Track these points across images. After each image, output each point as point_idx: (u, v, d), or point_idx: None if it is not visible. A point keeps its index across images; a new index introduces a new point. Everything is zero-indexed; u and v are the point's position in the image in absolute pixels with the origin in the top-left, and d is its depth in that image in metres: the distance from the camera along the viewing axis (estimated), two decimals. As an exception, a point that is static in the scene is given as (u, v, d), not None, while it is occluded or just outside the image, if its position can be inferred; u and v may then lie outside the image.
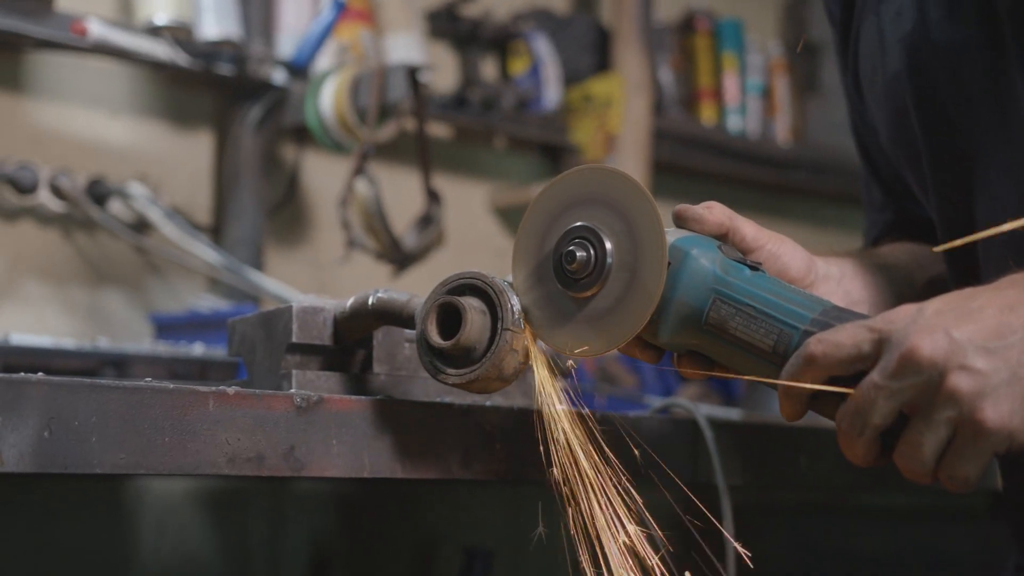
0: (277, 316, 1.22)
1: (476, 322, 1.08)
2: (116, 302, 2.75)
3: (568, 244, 1.06)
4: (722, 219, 1.12)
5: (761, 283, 1.05)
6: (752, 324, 1.03)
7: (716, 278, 1.05)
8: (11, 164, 2.58)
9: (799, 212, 4.18)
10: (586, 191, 1.07)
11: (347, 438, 1.11)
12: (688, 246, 1.06)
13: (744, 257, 1.10)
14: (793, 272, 1.17)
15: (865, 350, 0.96)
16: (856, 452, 0.97)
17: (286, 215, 3.03)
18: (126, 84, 2.80)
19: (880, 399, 0.94)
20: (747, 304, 1.03)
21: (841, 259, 1.29)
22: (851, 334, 0.96)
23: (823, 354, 0.96)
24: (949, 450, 0.94)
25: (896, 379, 0.93)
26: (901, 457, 0.95)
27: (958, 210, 1.26)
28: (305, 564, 1.51)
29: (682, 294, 1.05)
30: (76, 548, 1.33)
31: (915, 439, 0.94)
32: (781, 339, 1.02)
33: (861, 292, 1.28)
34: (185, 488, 1.41)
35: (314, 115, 2.74)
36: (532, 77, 3.37)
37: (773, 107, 3.93)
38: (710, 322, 1.05)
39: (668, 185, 3.75)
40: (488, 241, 3.44)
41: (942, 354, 0.92)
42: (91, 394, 0.98)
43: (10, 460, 0.94)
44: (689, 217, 1.12)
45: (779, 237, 1.17)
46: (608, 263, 1.05)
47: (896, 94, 1.30)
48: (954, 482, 0.95)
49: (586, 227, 1.06)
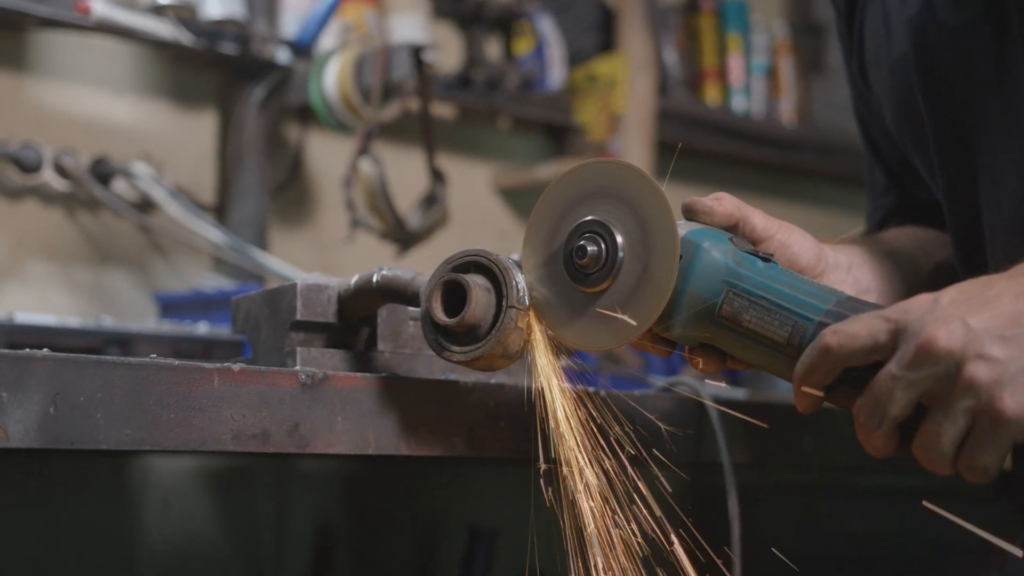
0: (281, 294, 1.22)
1: (481, 299, 1.08)
2: (120, 281, 2.76)
3: (579, 239, 1.05)
4: (732, 210, 1.12)
5: (774, 275, 1.04)
6: (766, 316, 1.02)
7: (728, 270, 1.04)
8: (15, 143, 2.58)
9: (803, 193, 4.17)
10: (595, 185, 1.06)
11: (352, 415, 1.11)
12: (700, 238, 1.06)
13: (756, 249, 1.09)
14: (803, 261, 1.17)
15: (881, 340, 0.95)
16: (875, 444, 0.96)
17: (290, 195, 3.03)
18: (130, 63, 2.80)
19: (898, 390, 0.93)
20: (761, 296, 1.03)
21: (849, 247, 1.29)
22: (866, 324, 0.96)
23: (839, 345, 0.96)
24: (968, 440, 0.93)
25: (913, 369, 0.93)
26: (920, 448, 0.95)
27: (963, 192, 1.26)
28: (310, 543, 1.51)
29: (694, 287, 1.04)
30: (82, 526, 1.33)
31: (934, 429, 0.93)
32: (796, 331, 1.01)
33: (870, 280, 1.27)
34: (190, 466, 1.41)
35: (318, 95, 2.74)
36: (536, 57, 3.36)
37: (778, 87, 3.92)
38: (723, 315, 1.04)
39: (672, 166, 3.74)
40: (492, 221, 3.44)
41: (959, 343, 0.91)
42: (96, 370, 0.98)
43: (16, 436, 0.94)
44: (699, 210, 1.11)
45: (788, 226, 1.17)
46: (619, 257, 1.04)
47: (902, 77, 1.29)
48: (973, 472, 0.94)
49: (596, 221, 1.05)
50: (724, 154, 3.82)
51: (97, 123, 2.75)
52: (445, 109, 3.30)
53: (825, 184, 4.16)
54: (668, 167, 3.67)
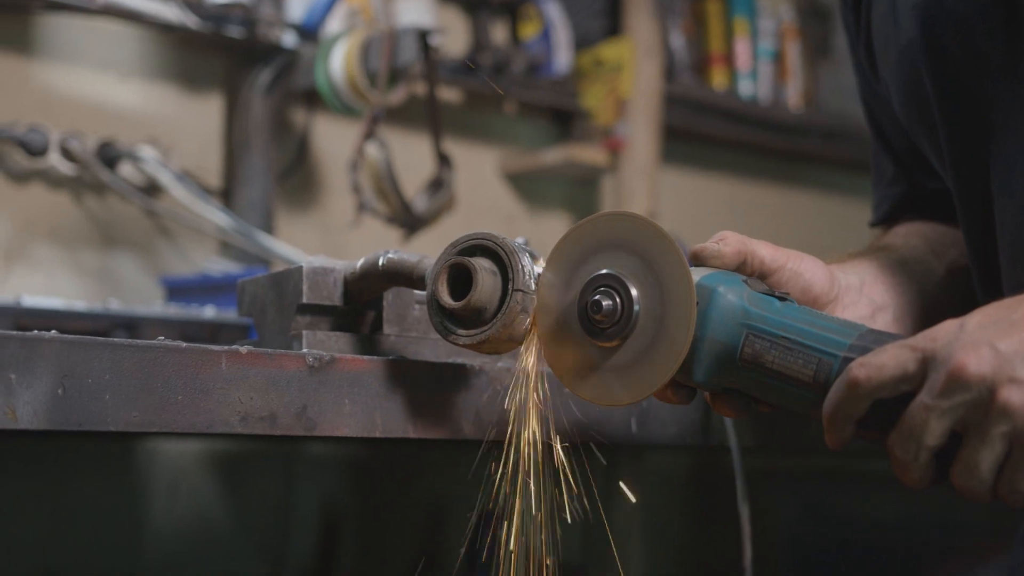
0: (287, 277, 1.22)
1: (487, 283, 1.07)
2: (127, 265, 2.76)
3: (593, 293, 1.04)
4: (738, 247, 1.10)
5: (793, 313, 1.03)
6: (789, 356, 1.01)
7: (746, 312, 1.03)
8: (21, 127, 2.58)
9: (810, 178, 4.17)
10: (605, 238, 1.05)
11: (359, 398, 1.11)
12: (714, 283, 1.04)
13: (771, 289, 1.08)
14: (817, 288, 1.15)
15: (910, 370, 0.94)
16: (912, 476, 0.95)
17: (296, 179, 3.03)
18: (136, 47, 2.80)
19: (932, 419, 0.92)
20: (781, 336, 1.01)
21: (859, 263, 1.28)
22: (893, 355, 0.94)
23: (867, 377, 0.94)
24: (1007, 465, 0.92)
25: (946, 397, 0.91)
26: (958, 477, 0.93)
27: (974, 178, 1.25)
28: (316, 527, 1.51)
29: (713, 332, 1.03)
30: (90, 508, 1.33)
31: (971, 457, 0.92)
32: (821, 368, 0.99)
33: (884, 296, 1.26)
34: (198, 450, 1.41)
35: (324, 79, 2.73)
36: (542, 41, 3.35)
37: (785, 72, 3.91)
38: (745, 358, 1.02)
39: (679, 151, 3.74)
40: (498, 205, 3.44)
41: (989, 368, 0.90)
42: (105, 352, 0.98)
43: (24, 417, 0.94)
44: (707, 255, 1.10)
45: (798, 254, 1.15)
46: (635, 311, 1.03)
47: (910, 62, 1.28)
48: (1016, 497, 0.93)
49: (610, 275, 1.04)
50: (731, 139, 3.81)
51: (103, 107, 2.75)
52: (451, 94, 3.29)
53: (831, 169, 4.16)
54: (674, 151, 3.67)
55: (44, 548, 1.31)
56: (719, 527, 1.08)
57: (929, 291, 1.30)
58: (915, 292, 1.29)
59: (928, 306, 1.29)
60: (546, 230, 3.49)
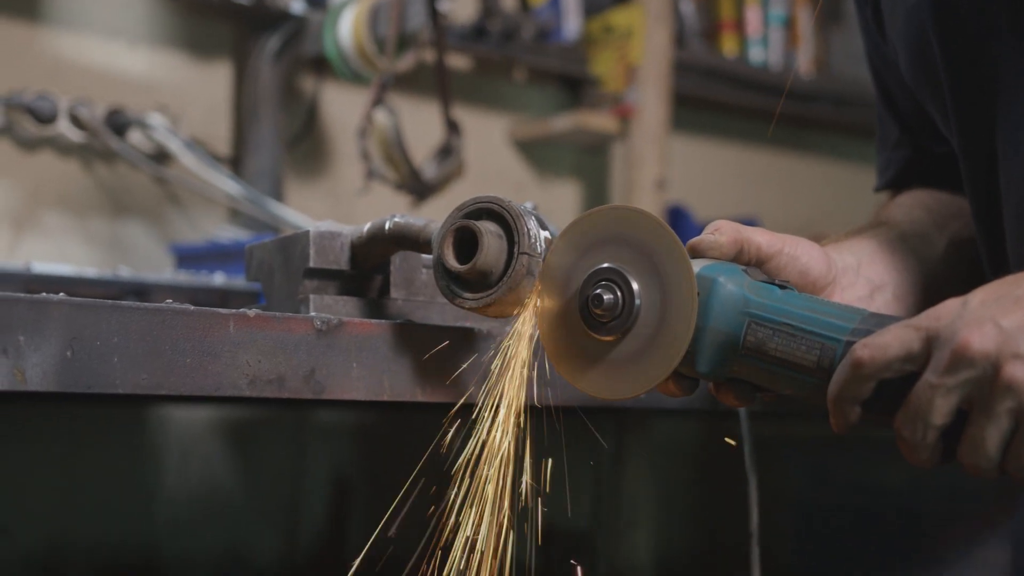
0: (294, 241, 1.22)
1: (492, 246, 1.07)
2: (136, 232, 2.76)
3: (594, 287, 1.05)
4: (734, 236, 1.11)
5: (793, 300, 1.03)
6: (792, 342, 1.01)
7: (747, 301, 1.03)
8: (30, 94, 2.58)
9: (820, 145, 4.15)
10: (605, 232, 1.06)
11: (367, 361, 1.12)
12: (714, 273, 1.05)
13: (771, 277, 1.08)
14: (815, 272, 1.16)
15: (914, 349, 0.94)
16: (920, 457, 0.95)
17: (305, 146, 3.03)
18: (144, 14, 2.79)
19: (937, 398, 0.92)
20: (783, 323, 1.02)
21: (856, 242, 1.28)
22: (897, 335, 0.95)
23: (871, 358, 0.95)
24: (1014, 441, 0.92)
25: (951, 375, 0.91)
26: (966, 454, 0.94)
27: (980, 139, 1.25)
28: (326, 492, 1.52)
29: (715, 322, 1.03)
30: (99, 473, 1.34)
31: (977, 434, 0.92)
32: (824, 353, 1.00)
33: (883, 275, 1.26)
34: (208, 416, 1.42)
35: (333, 45, 2.73)
36: (552, 7, 3.34)
37: (795, 38, 3.89)
38: (747, 346, 1.03)
39: (689, 118, 3.73)
40: (507, 173, 3.43)
41: (993, 345, 0.90)
42: (113, 315, 0.99)
43: (33, 379, 0.95)
44: (704, 247, 1.10)
45: (793, 238, 1.15)
46: (636, 304, 1.03)
47: (917, 23, 1.28)
48: (1023, 473, 0.93)
49: (611, 268, 1.04)
50: (741, 106, 3.80)
51: (112, 74, 2.75)
52: (460, 60, 3.28)
53: (842, 136, 4.14)
54: (684, 119, 3.66)
55: (54, 512, 1.32)
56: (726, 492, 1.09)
57: (930, 266, 1.30)
58: (915, 268, 1.29)
59: (928, 282, 1.29)
60: (555, 197, 3.49)
